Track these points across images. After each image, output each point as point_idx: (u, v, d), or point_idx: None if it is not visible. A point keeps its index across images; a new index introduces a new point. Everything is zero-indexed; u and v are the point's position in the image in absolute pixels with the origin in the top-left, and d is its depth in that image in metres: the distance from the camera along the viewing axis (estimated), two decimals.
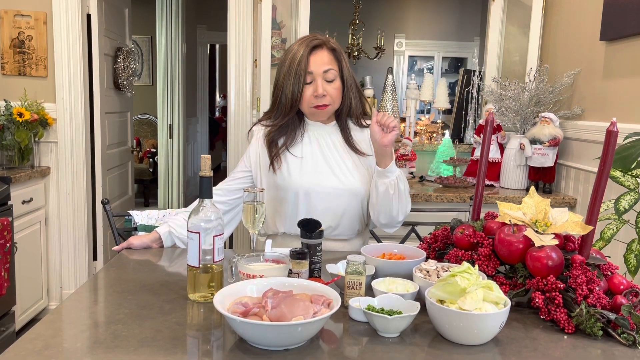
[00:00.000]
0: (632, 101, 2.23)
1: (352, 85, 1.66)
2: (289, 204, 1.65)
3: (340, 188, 1.62)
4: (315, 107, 1.61)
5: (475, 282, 1.01)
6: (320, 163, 1.65)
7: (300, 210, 1.63)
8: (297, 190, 1.62)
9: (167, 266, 1.50)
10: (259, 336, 0.95)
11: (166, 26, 5.84)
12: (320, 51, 1.60)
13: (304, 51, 1.58)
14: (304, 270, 1.23)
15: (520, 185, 2.80)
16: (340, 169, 1.65)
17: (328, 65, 1.60)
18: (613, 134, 1.10)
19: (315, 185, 1.62)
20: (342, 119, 1.70)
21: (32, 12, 3.09)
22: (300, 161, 1.64)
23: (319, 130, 1.69)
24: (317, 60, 1.59)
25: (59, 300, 3.26)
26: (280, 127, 1.65)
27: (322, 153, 1.66)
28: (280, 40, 3.19)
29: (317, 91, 1.58)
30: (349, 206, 1.64)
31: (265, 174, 1.67)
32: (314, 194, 1.62)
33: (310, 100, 1.60)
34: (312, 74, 1.58)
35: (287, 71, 1.59)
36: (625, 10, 2.21)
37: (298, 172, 1.63)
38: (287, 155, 1.65)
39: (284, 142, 1.66)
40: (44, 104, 3.13)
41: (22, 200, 2.87)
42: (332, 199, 1.62)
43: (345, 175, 1.64)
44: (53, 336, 1.01)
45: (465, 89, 3.25)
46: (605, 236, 1.57)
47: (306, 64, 1.57)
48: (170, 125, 5.98)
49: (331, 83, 1.60)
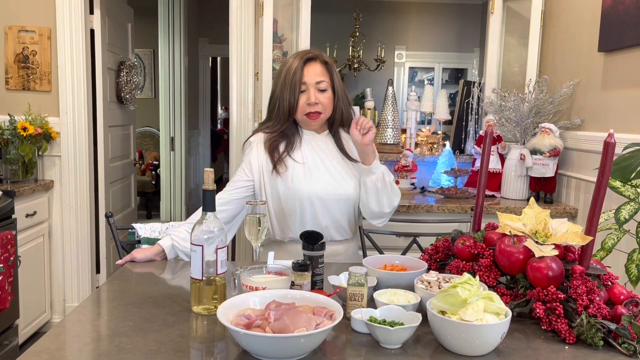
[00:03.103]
0: (630, 111, 2.24)
1: (342, 96, 1.77)
2: (293, 211, 1.71)
3: (341, 194, 1.72)
4: (308, 115, 1.71)
5: (476, 293, 1.02)
6: (322, 170, 1.72)
7: (306, 216, 1.71)
8: (302, 197, 1.69)
9: (170, 279, 1.51)
10: (262, 348, 0.96)
11: (168, 39, 5.90)
12: (314, 64, 1.72)
13: (299, 63, 1.70)
14: (306, 282, 1.24)
15: (522, 196, 2.81)
16: (336, 176, 1.73)
17: (320, 76, 1.71)
18: (611, 146, 1.12)
19: (319, 191, 1.69)
20: (334, 127, 1.80)
21: (36, 27, 3.12)
22: (302, 167, 1.71)
23: (313, 139, 1.77)
24: (310, 72, 1.70)
25: (62, 313, 3.26)
26: (280, 133, 1.74)
27: (322, 160, 1.74)
28: (281, 53, 3.21)
29: (310, 99, 1.68)
30: (343, 211, 1.74)
31: (269, 182, 1.72)
32: (318, 200, 1.69)
33: (304, 108, 1.70)
34: (305, 84, 1.69)
35: (283, 82, 1.70)
36: (622, 22, 2.23)
37: (302, 178, 1.70)
38: (289, 161, 1.72)
39: (285, 148, 1.73)
40: (47, 118, 3.16)
41: (26, 214, 2.89)
42: (333, 204, 1.71)
43: (340, 183, 1.73)
44: (58, 349, 1.02)
45: (465, 100, 3.27)
46: (606, 246, 1.58)
47: (301, 75, 1.69)
48: (173, 138, 6.01)
49: (323, 93, 1.71)
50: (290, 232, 1.74)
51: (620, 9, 2.24)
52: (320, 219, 1.71)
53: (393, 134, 3.17)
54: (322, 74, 1.71)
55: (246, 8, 3.15)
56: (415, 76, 7.41)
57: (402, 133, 3.34)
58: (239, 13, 3.16)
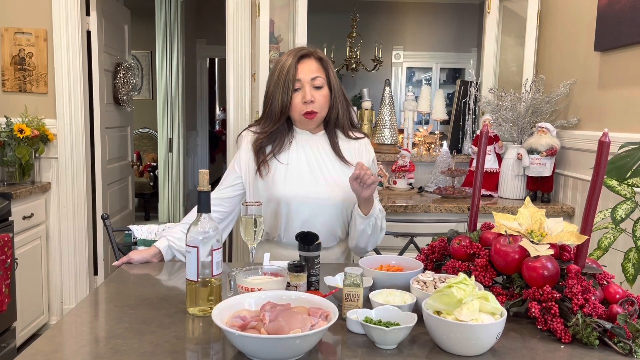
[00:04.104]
0: (626, 110, 2.24)
1: (339, 94, 1.71)
2: (272, 213, 1.66)
3: (322, 198, 1.65)
4: (305, 115, 1.64)
5: (472, 293, 1.02)
6: (304, 172, 1.66)
7: (282, 219, 1.65)
8: (280, 200, 1.64)
9: (166, 280, 1.51)
10: (257, 350, 0.96)
11: (166, 41, 5.89)
12: (308, 60, 1.66)
13: (292, 60, 1.63)
14: (302, 283, 1.24)
15: (519, 195, 2.81)
16: (324, 178, 1.67)
17: (316, 73, 1.64)
18: (605, 145, 1.12)
19: (297, 195, 1.63)
20: (330, 127, 1.73)
21: (32, 29, 3.12)
22: (285, 169, 1.66)
23: (307, 138, 1.71)
24: (304, 69, 1.64)
25: (60, 315, 3.26)
26: (270, 134, 1.68)
27: (308, 161, 1.68)
28: (278, 54, 3.21)
29: (305, 97, 1.62)
30: (330, 215, 1.67)
31: (252, 182, 1.69)
32: (296, 203, 1.63)
33: (300, 107, 1.64)
34: (300, 81, 1.63)
35: (277, 80, 1.64)
36: (618, 21, 2.23)
37: (282, 181, 1.64)
38: (274, 162, 1.67)
39: (272, 149, 1.68)
40: (44, 120, 3.15)
41: (23, 216, 2.88)
42: (314, 209, 1.64)
43: (329, 185, 1.66)
44: (53, 352, 1.01)
45: (463, 100, 3.27)
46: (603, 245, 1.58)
47: (294, 72, 1.62)
48: (171, 139, 6.01)
49: (319, 90, 1.64)
50: (278, 233, 1.69)
51: (616, 8, 2.24)
52: (300, 223, 1.63)
53: (390, 134, 3.17)
54: (318, 70, 1.65)
55: (243, 9, 3.15)
56: (412, 76, 7.42)
57: (400, 133, 3.34)
58: (235, 14, 3.16)
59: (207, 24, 6.88)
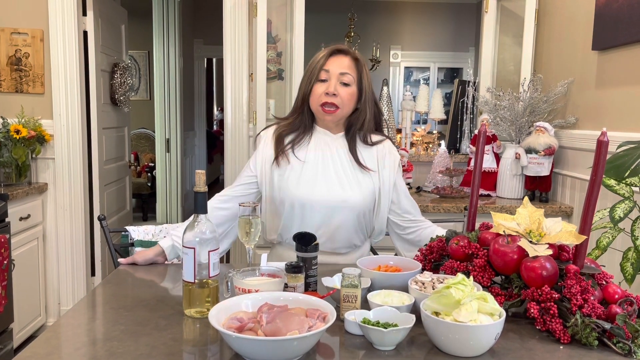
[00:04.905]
0: (624, 109, 2.24)
1: (370, 99, 1.65)
2: (284, 215, 1.64)
3: (336, 201, 1.60)
4: (323, 106, 1.58)
5: (470, 294, 1.01)
6: (319, 174, 1.62)
7: (295, 221, 1.63)
8: (293, 202, 1.61)
9: (163, 281, 1.50)
10: (255, 351, 0.95)
11: (163, 41, 5.88)
12: (342, 56, 1.62)
13: (325, 53, 1.62)
14: (299, 284, 1.23)
15: (517, 195, 2.81)
16: (339, 181, 1.62)
17: (346, 69, 1.60)
18: (604, 144, 1.11)
19: (310, 197, 1.60)
20: (351, 131, 1.67)
21: (28, 29, 3.11)
22: (300, 168, 1.63)
23: (326, 138, 1.66)
24: (335, 62, 1.60)
25: (57, 317, 3.25)
26: (291, 124, 1.66)
27: (324, 162, 1.63)
28: (275, 54, 3.21)
29: (328, 89, 1.57)
30: (345, 220, 1.62)
31: (268, 180, 1.65)
32: (309, 206, 1.60)
33: (320, 97, 1.59)
34: (328, 72, 1.59)
35: (306, 71, 1.64)
36: (616, 20, 2.23)
37: (295, 182, 1.61)
38: (291, 158, 1.63)
39: (291, 140, 1.65)
40: (41, 121, 3.14)
41: (20, 217, 2.87)
42: (328, 212, 1.61)
43: (344, 189, 1.61)
44: (49, 354, 1.00)
45: (460, 100, 3.27)
46: (602, 245, 1.58)
47: (323, 62, 1.60)
48: (168, 140, 6.00)
49: (346, 87, 1.59)
50: (280, 237, 1.68)
51: (614, 7, 2.24)
52: (313, 227, 1.59)
53: (388, 134, 3.16)
54: (349, 67, 1.59)
55: (240, 9, 3.14)
56: (410, 76, 7.41)
57: (398, 133, 3.33)
58: (232, 14, 3.15)
59: (204, 24, 6.86)
